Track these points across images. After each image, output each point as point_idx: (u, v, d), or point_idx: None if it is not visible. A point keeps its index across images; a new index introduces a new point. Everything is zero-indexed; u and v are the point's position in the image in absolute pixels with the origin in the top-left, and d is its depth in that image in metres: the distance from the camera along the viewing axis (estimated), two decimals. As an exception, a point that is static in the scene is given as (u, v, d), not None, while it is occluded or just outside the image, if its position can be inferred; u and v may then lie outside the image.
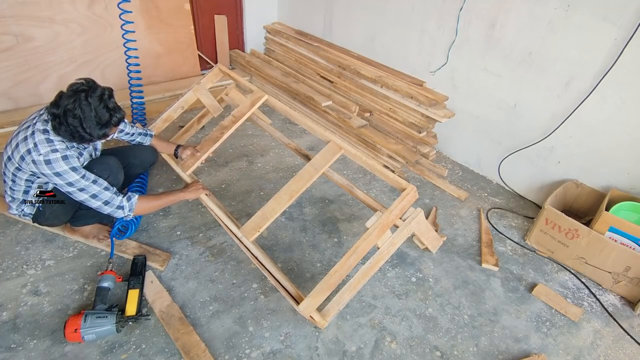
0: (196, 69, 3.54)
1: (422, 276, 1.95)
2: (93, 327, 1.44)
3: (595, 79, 2.05)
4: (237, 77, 2.28)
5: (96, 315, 1.47)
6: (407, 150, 2.78)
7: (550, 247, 2.15)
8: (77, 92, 1.40)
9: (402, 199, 1.54)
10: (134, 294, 1.58)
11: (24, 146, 1.44)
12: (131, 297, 1.57)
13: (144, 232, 2.00)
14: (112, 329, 1.47)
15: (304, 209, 2.30)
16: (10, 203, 1.66)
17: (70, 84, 1.44)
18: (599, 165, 2.22)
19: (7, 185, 1.60)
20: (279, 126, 3.17)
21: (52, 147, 1.44)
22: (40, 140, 1.43)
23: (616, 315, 1.86)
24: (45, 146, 1.43)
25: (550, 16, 2.11)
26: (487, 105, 2.59)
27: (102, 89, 1.46)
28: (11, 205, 1.67)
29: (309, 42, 3.51)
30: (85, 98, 1.39)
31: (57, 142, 1.45)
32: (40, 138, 1.43)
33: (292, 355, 1.53)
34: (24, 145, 1.44)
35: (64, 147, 1.47)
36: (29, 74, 2.69)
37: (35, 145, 1.42)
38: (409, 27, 2.83)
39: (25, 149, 1.44)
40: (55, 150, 1.44)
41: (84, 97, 1.39)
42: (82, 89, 1.41)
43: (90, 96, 1.40)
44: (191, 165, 1.98)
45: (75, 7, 2.71)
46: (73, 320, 1.44)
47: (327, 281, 1.44)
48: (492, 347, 1.65)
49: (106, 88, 1.48)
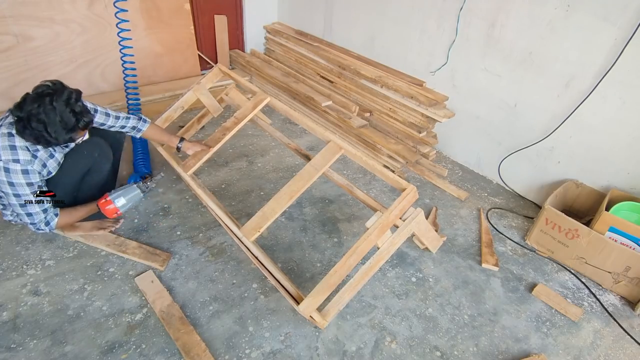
0: (196, 69, 3.54)
1: (422, 276, 1.95)
2: (119, 192, 1.69)
3: (595, 79, 2.05)
4: (237, 77, 2.28)
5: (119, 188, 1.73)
6: (407, 150, 2.78)
7: (550, 247, 2.15)
8: (42, 95, 1.35)
9: (402, 199, 1.54)
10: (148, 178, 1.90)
11: None
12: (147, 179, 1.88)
13: (144, 232, 2.00)
14: (137, 191, 1.73)
15: (304, 209, 2.30)
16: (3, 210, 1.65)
17: (35, 86, 1.39)
18: (599, 165, 2.22)
19: None
20: (279, 126, 3.17)
21: (15, 156, 1.40)
22: (4, 147, 1.39)
23: (616, 315, 1.86)
24: (7, 153, 1.39)
25: (550, 16, 2.11)
26: (487, 105, 2.60)
27: (69, 92, 1.40)
28: (4, 212, 1.65)
29: (309, 42, 3.51)
30: (50, 102, 1.34)
31: (20, 151, 1.41)
32: (4, 144, 1.39)
33: (292, 355, 1.53)
34: None
35: (28, 159, 1.43)
36: (29, 74, 2.69)
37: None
38: (409, 27, 2.83)
39: None
40: (17, 160, 1.40)
41: (49, 101, 1.34)
42: (47, 93, 1.35)
43: (55, 100, 1.35)
44: (192, 166, 1.97)
45: (75, 7, 2.71)
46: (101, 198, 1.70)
47: (327, 281, 1.43)
48: (492, 347, 1.65)
49: (73, 90, 1.42)
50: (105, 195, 1.69)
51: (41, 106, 1.33)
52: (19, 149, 1.42)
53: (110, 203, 1.68)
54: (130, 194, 1.72)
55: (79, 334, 1.51)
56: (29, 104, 1.34)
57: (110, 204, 1.68)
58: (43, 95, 1.35)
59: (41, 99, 1.34)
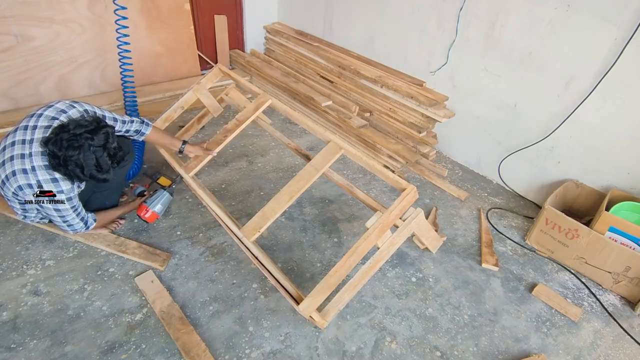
0: (196, 69, 3.54)
1: (422, 276, 1.95)
2: (154, 200, 1.94)
3: (595, 79, 2.05)
4: (237, 77, 2.28)
5: (150, 197, 1.97)
6: (407, 150, 2.78)
7: (550, 247, 2.15)
8: (79, 137, 1.37)
9: (402, 199, 1.54)
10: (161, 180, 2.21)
11: (23, 179, 1.42)
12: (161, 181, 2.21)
13: (144, 232, 2.00)
14: (167, 195, 1.99)
15: (304, 209, 2.30)
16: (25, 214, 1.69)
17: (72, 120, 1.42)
18: (599, 165, 2.22)
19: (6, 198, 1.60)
20: (279, 126, 3.16)
21: (58, 187, 1.46)
22: (46, 180, 1.44)
23: (616, 315, 1.86)
24: (50, 186, 1.45)
25: (550, 16, 2.11)
26: (487, 105, 2.59)
27: (105, 133, 1.43)
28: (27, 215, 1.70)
29: (309, 42, 3.51)
30: (88, 148, 1.38)
31: (61, 182, 1.47)
32: (45, 177, 1.44)
33: (292, 355, 1.53)
34: (23, 178, 1.42)
35: (69, 188, 1.49)
36: (29, 74, 2.69)
37: (39, 184, 1.43)
38: (409, 27, 2.83)
39: (25, 182, 1.43)
40: (61, 191, 1.47)
41: (87, 146, 1.38)
42: (84, 136, 1.38)
43: (92, 145, 1.39)
44: (194, 168, 1.97)
45: (75, 7, 2.71)
46: (140, 208, 1.94)
47: (327, 281, 1.44)
48: (492, 347, 1.65)
49: (108, 129, 1.45)
50: (144, 206, 1.93)
51: (80, 152, 1.37)
52: (60, 180, 1.47)
53: (149, 211, 1.93)
54: (164, 199, 1.99)
55: (79, 334, 1.51)
56: (65, 146, 1.36)
57: (149, 211, 1.93)
58: (80, 137, 1.37)
59: (78, 142, 1.36)
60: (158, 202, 1.96)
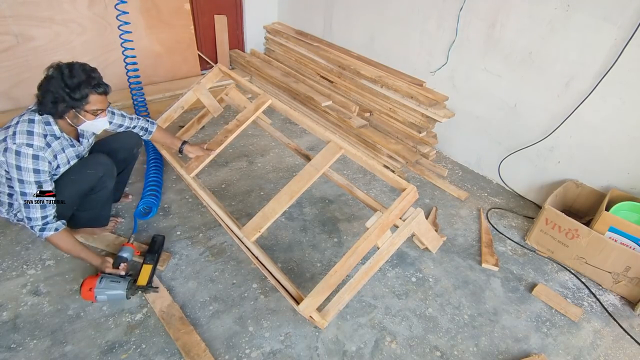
0: (196, 69, 3.54)
1: (422, 276, 1.95)
2: (106, 288, 1.57)
3: (595, 79, 2.05)
4: (237, 77, 2.28)
5: (111, 279, 1.60)
6: (407, 150, 2.78)
7: (550, 247, 2.15)
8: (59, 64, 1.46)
9: (402, 199, 1.54)
10: (147, 268, 1.70)
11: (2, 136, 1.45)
12: (144, 270, 1.69)
13: (144, 232, 2.00)
14: (123, 294, 1.59)
15: (304, 209, 2.30)
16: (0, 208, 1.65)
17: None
18: (599, 165, 2.22)
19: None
20: (279, 126, 3.17)
21: (30, 141, 1.43)
22: (21, 131, 1.43)
23: (616, 315, 1.86)
24: (23, 137, 1.43)
25: (550, 16, 2.11)
26: (487, 105, 2.59)
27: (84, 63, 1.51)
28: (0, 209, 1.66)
29: (309, 42, 3.51)
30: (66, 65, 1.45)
31: (36, 137, 1.45)
32: (22, 128, 1.44)
33: (292, 355, 1.53)
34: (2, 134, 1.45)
35: (41, 146, 1.46)
36: (29, 74, 2.69)
37: (14, 134, 1.42)
38: (409, 27, 2.83)
39: (2, 137, 1.44)
40: (30, 145, 1.43)
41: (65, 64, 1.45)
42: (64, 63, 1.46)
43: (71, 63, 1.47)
44: (195, 168, 1.97)
45: (75, 7, 2.71)
46: (90, 280, 1.58)
47: (327, 281, 1.43)
48: (492, 347, 1.65)
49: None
50: (93, 284, 1.57)
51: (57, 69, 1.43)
52: (35, 135, 1.45)
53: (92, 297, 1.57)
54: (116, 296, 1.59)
55: (79, 334, 1.51)
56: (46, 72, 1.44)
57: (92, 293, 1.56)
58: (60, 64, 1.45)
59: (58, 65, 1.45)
60: (109, 292, 1.58)
